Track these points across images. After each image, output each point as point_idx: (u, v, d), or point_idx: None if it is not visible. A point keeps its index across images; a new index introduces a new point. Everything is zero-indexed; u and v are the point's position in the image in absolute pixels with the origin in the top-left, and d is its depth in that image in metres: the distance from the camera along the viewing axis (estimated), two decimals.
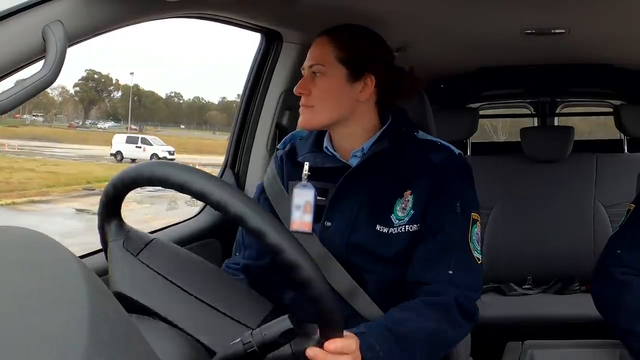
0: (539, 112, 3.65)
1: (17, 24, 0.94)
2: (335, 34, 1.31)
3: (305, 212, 1.27)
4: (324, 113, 1.29)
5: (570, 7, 1.80)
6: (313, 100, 1.28)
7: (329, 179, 1.30)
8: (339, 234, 1.27)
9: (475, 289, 1.24)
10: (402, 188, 1.26)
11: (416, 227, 1.24)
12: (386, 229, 1.25)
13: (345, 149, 1.33)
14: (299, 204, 1.27)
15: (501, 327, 2.30)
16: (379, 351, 1.04)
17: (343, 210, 1.28)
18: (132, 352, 0.47)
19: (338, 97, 1.29)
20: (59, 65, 0.93)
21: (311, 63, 1.30)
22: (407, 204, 1.25)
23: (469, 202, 1.27)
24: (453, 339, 1.22)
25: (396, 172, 1.28)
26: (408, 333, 1.11)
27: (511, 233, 2.61)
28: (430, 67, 2.72)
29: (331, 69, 1.28)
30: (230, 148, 1.98)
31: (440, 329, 1.16)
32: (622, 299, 1.37)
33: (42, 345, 0.41)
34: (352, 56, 1.29)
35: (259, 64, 1.90)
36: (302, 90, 1.29)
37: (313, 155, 1.33)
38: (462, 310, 1.19)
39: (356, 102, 1.30)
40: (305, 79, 1.30)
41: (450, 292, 1.18)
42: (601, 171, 2.66)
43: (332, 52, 1.28)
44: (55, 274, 0.48)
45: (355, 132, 1.32)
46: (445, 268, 1.20)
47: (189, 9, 1.36)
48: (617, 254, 1.43)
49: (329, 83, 1.28)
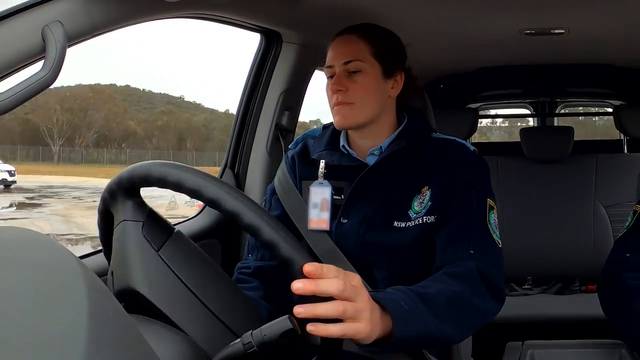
0: (538, 112, 3.65)
1: (16, 25, 0.94)
2: (365, 31, 1.29)
3: (322, 210, 1.27)
4: (365, 110, 1.27)
5: (570, 7, 1.80)
6: (352, 97, 1.26)
7: (345, 177, 1.30)
8: (354, 231, 1.27)
9: (499, 268, 1.18)
10: (420, 185, 1.26)
11: (433, 218, 1.24)
12: (404, 224, 1.25)
13: (362, 148, 1.33)
14: (316, 202, 1.27)
15: (501, 327, 2.29)
16: (404, 305, 0.96)
17: (359, 208, 1.28)
18: (132, 353, 0.47)
19: (377, 93, 1.28)
20: (58, 65, 0.93)
21: (348, 59, 1.27)
22: (425, 197, 1.25)
23: (484, 191, 1.26)
24: (479, 308, 1.11)
25: (414, 170, 1.27)
26: (431, 294, 1.03)
27: (511, 233, 2.61)
28: (430, 67, 2.72)
29: (369, 65, 1.27)
30: (229, 148, 1.98)
31: (465, 294, 1.08)
32: (632, 305, 1.35)
33: (42, 345, 0.40)
34: (386, 52, 1.29)
35: (259, 64, 1.90)
36: (340, 87, 1.26)
37: (329, 153, 1.33)
38: (486, 282, 1.13)
39: (388, 98, 1.31)
40: (340, 77, 1.27)
41: (471, 265, 1.14)
42: (601, 171, 2.66)
43: (368, 48, 1.27)
44: (54, 274, 0.48)
45: (377, 130, 1.31)
46: (466, 248, 1.17)
47: (188, 9, 1.36)
48: (626, 258, 1.41)
49: (369, 79, 1.27)
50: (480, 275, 1.13)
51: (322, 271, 0.81)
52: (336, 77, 1.27)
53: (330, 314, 0.82)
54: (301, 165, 1.38)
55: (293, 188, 1.35)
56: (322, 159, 1.31)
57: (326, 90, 1.33)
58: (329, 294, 0.81)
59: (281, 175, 1.40)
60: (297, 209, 1.31)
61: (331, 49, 1.31)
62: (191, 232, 1.77)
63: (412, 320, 0.95)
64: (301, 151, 1.40)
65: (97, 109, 46.78)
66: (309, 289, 0.80)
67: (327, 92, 1.32)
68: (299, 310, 0.80)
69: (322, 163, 1.30)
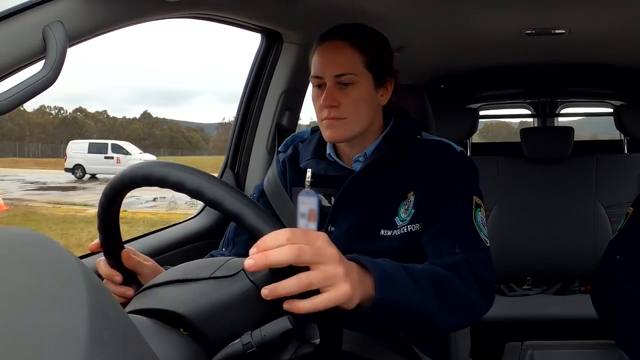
0: (538, 112, 3.65)
1: (17, 24, 0.94)
2: (355, 39, 1.22)
3: (309, 220, 1.25)
4: (357, 124, 1.23)
5: (571, 7, 1.81)
6: (345, 111, 1.21)
7: (332, 185, 1.28)
8: (341, 240, 1.24)
9: (487, 265, 1.14)
10: (406, 190, 1.24)
11: (418, 226, 1.21)
12: (390, 232, 1.22)
13: (349, 155, 1.30)
14: (304, 212, 1.26)
15: (501, 327, 2.30)
16: (387, 270, 0.90)
17: (346, 216, 1.26)
18: (132, 352, 0.47)
19: (369, 105, 1.24)
20: (59, 65, 0.93)
21: (340, 72, 1.20)
22: (410, 204, 1.23)
23: (469, 188, 1.22)
24: (467, 298, 1.07)
25: (399, 175, 1.25)
26: (417, 269, 1.00)
27: (511, 233, 2.61)
28: (430, 68, 2.73)
29: (361, 77, 1.21)
30: (230, 148, 1.98)
31: (452, 280, 1.04)
32: (620, 307, 1.36)
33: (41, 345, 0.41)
34: (377, 62, 1.23)
35: (259, 64, 1.90)
36: (332, 103, 1.20)
37: (316, 162, 1.31)
38: (474, 275, 1.09)
39: (377, 107, 1.27)
40: (332, 90, 1.20)
41: (460, 257, 1.11)
42: (601, 172, 2.66)
43: (359, 58, 1.21)
44: (54, 273, 0.48)
45: (364, 137, 1.27)
46: (452, 246, 1.13)
47: (189, 9, 1.36)
48: (617, 259, 1.42)
49: (361, 92, 1.21)
50: (469, 267, 1.10)
51: (266, 241, 0.72)
52: (327, 91, 1.20)
53: (294, 290, 0.74)
54: (291, 170, 1.36)
55: (283, 192, 1.34)
56: (308, 168, 1.29)
57: (313, 100, 1.26)
58: (286, 264, 0.73)
59: (272, 178, 1.38)
60: (288, 213, 1.31)
61: (319, 54, 1.23)
62: (190, 233, 1.77)
63: (395, 284, 0.90)
64: (291, 156, 1.38)
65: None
66: (261, 263, 0.71)
67: (314, 102, 1.26)
68: (265, 293, 0.73)
69: (309, 172, 1.28)
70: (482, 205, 1.23)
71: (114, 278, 0.99)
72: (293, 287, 0.74)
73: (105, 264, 0.99)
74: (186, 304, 0.80)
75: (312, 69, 1.25)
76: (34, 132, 42.24)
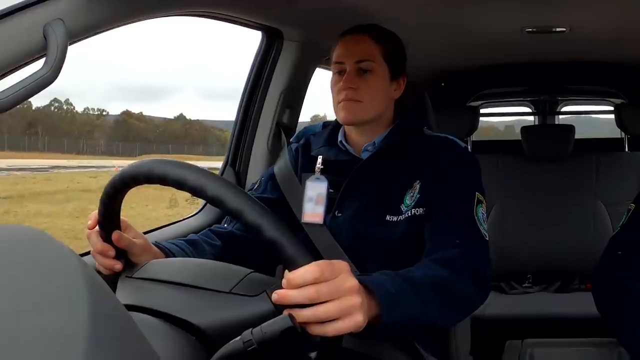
0: (539, 110, 3.65)
1: (18, 23, 0.94)
2: (376, 33, 1.32)
3: (317, 204, 1.30)
4: (371, 110, 1.31)
5: (571, 6, 1.80)
6: (361, 95, 1.29)
7: (342, 173, 1.33)
8: (347, 224, 1.29)
9: (484, 259, 1.19)
10: (412, 180, 1.29)
11: (422, 210, 1.25)
12: (395, 217, 1.27)
13: (359, 144, 1.37)
14: (312, 196, 1.30)
15: (501, 325, 2.30)
16: (390, 289, 0.93)
17: (353, 202, 1.31)
18: (132, 351, 0.47)
19: (383, 95, 1.32)
20: (59, 63, 0.93)
21: (360, 58, 1.29)
22: (415, 191, 1.28)
23: (472, 184, 1.28)
24: (464, 294, 1.11)
25: (405, 166, 1.30)
26: (417, 278, 1.02)
27: (512, 231, 2.61)
28: (431, 65, 2.72)
29: (379, 66, 1.30)
30: (231, 146, 1.98)
31: (449, 279, 1.08)
32: (621, 303, 1.36)
33: (42, 343, 0.41)
34: (394, 56, 1.33)
35: (260, 62, 1.90)
36: (351, 85, 1.29)
37: (327, 149, 1.37)
38: (471, 270, 1.13)
39: (390, 100, 1.35)
40: (352, 74, 1.29)
41: (457, 252, 1.14)
42: (602, 170, 2.66)
43: (379, 50, 1.30)
44: (55, 271, 0.48)
45: (374, 127, 1.35)
46: (452, 238, 1.18)
47: (189, 7, 1.36)
48: (618, 256, 1.42)
49: (378, 80, 1.30)
50: (466, 262, 1.13)
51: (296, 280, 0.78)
52: (348, 75, 1.29)
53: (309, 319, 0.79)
54: (303, 159, 1.42)
55: (294, 178, 1.39)
56: (320, 155, 1.35)
57: (331, 85, 1.34)
58: (306, 302, 0.79)
59: (283, 165, 1.43)
60: (296, 199, 1.34)
61: (341, 45, 1.33)
62: (191, 230, 1.77)
63: (399, 304, 0.94)
64: (304, 145, 1.44)
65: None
66: (285, 301, 0.79)
67: (332, 87, 1.34)
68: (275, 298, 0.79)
69: (320, 159, 1.34)
70: (483, 202, 1.27)
71: (107, 253, 0.98)
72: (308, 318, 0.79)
73: (98, 236, 0.99)
74: (201, 316, 0.81)
75: (333, 57, 1.33)
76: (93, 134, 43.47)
